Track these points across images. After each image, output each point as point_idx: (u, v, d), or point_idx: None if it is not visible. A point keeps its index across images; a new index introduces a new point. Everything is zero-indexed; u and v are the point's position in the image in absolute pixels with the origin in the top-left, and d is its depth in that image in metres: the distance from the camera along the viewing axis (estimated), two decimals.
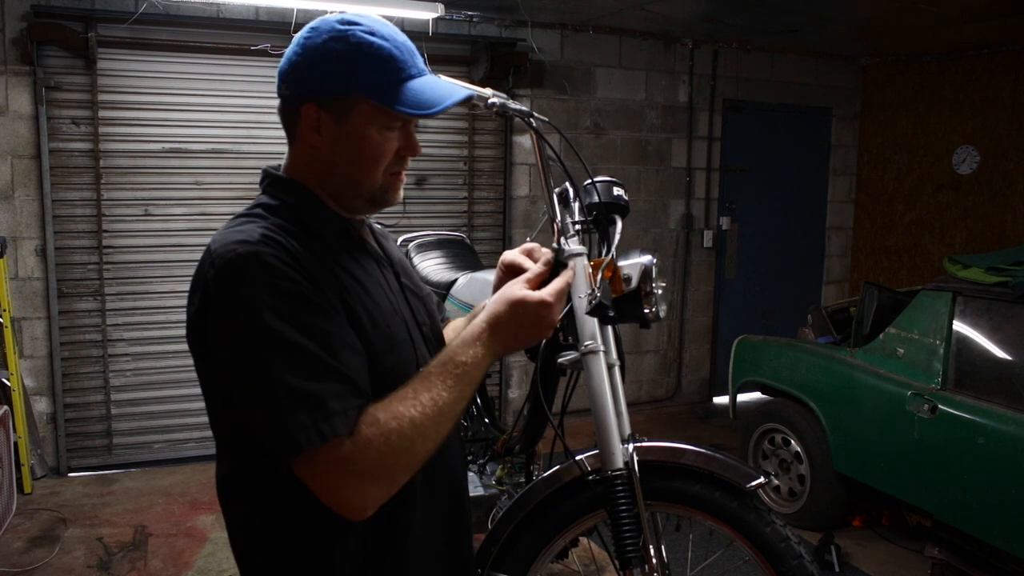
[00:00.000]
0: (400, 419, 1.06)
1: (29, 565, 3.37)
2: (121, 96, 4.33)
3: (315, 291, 1.07)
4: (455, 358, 1.15)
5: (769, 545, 1.69)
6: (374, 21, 1.17)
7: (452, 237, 3.45)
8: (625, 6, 4.72)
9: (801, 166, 6.35)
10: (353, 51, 1.13)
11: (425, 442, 1.08)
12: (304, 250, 1.10)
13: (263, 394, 1.02)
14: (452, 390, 1.12)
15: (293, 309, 1.04)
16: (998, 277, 3.15)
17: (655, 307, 1.94)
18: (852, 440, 3.58)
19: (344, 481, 1.03)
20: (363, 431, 1.04)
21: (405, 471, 1.08)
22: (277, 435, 1.02)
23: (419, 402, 1.08)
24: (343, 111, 1.15)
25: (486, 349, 1.18)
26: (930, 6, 4.43)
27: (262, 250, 1.06)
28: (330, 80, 1.14)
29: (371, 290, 1.19)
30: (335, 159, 1.18)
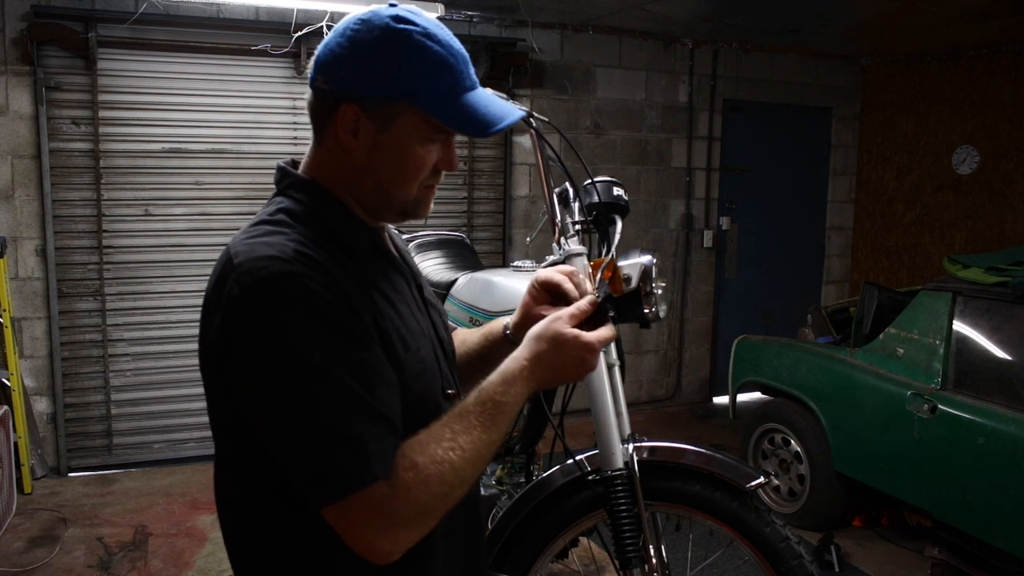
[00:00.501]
0: (440, 464, 0.99)
1: (29, 565, 3.37)
2: (121, 96, 4.33)
3: (354, 318, 1.00)
4: (495, 398, 1.07)
5: (769, 545, 1.70)
6: (429, 22, 1.08)
7: (452, 237, 3.45)
8: (625, 6, 4.72)
9: (801, 166, 6.35)
10: (410, 55, 1.04)
11: (463, 486, 1.03)
12: (338, 268, 1.02)
13: (300, 433, 0.95)
14: (490, 431, 1.05)
15: (333, 340, 0.96)
16: (998, 277, 3.15)
17: (655, 307, 1.94)
18: (852, 440, 3.58)
19: (378, 527, 0.97)
20: (402, 476, 0.97)
21: (440, 515, 1.03)
22: (314, 479, 0.96)
23: (458, 445, 1.02)
24: (387, 118, 1.06)
25: (525, 387, 1.11)
26: (930, 6, 4.43)
27: (299, 270, 0.97)
28: (379, 83, 1.04)
29: (402, 310, 1.12)
30: (369, 167, 1.09)
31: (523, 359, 1.12)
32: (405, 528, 0.99)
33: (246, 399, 1.00)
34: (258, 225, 1.07)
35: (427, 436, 1.02)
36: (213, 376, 1.06)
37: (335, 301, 0.98)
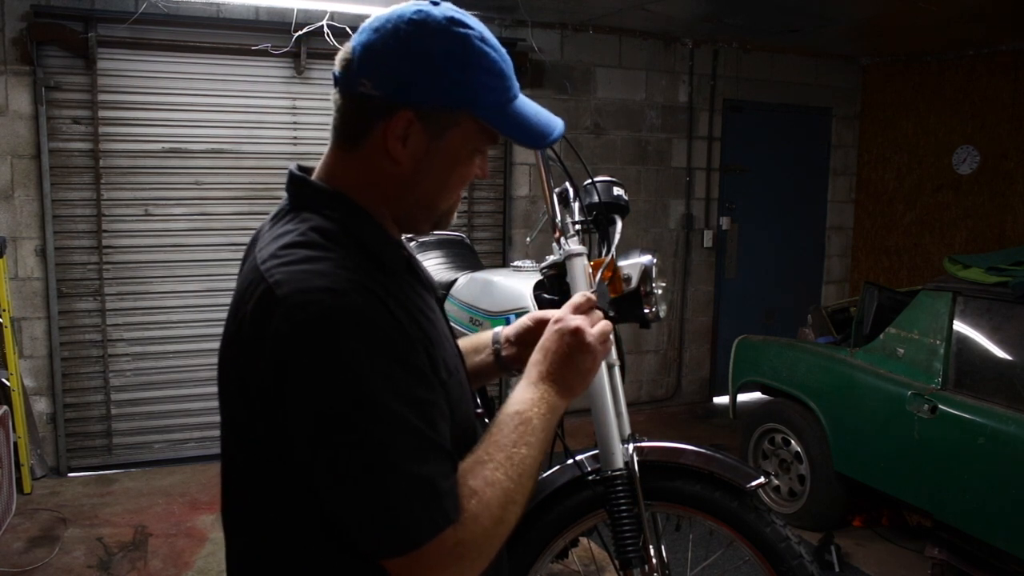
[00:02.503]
0: (493, 486, 0.96)
1: (29, 565, 3.37)
2: (121, 96, 4.33)
3: (412, 351, 0.94)
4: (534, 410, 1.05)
5: (769, 545, 1.70)
6: (482, 26, 1.03)
7: (452, 237, 3.45)
8: (625, 6, 4.72)
9: (801, 166, 6.35)
10: (471, 59, 0.98)
11: (515, 507, 0.98)
12: (388, 296, 0.95)
13: (370, 480, 0.88)
14: (535, 448, 1.02)
15: (397, 379, 0.90)
16: (998, 277, 3.15)
17: (655, 307, 1.94)
18: (852, 440, 3.58)
19: (450, 567, 0.92)
20: (466, 507, 0.93)
21: (500, 542, 0.98)
22: (389, 529, 0.89)
23: (501, 465, 0.98)
24: (444, 126, 1.00)
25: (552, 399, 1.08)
26: (930, 6, 4.43)
27: (357, 303, 0.90)
28: (443, 89, 0.98)
29: (440, 333, 1.07)
30: (416, 177, 1.02)
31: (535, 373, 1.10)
32: (471, 561, 0.94)
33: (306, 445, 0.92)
34: (293, 248, 0.97)
35: (472, 461, 0.98)
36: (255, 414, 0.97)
37: (395, 334, 0.92)
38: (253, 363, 0.94)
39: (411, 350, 0.94)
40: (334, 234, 0.99)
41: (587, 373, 1.12)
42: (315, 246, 0.96)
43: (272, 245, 0.99)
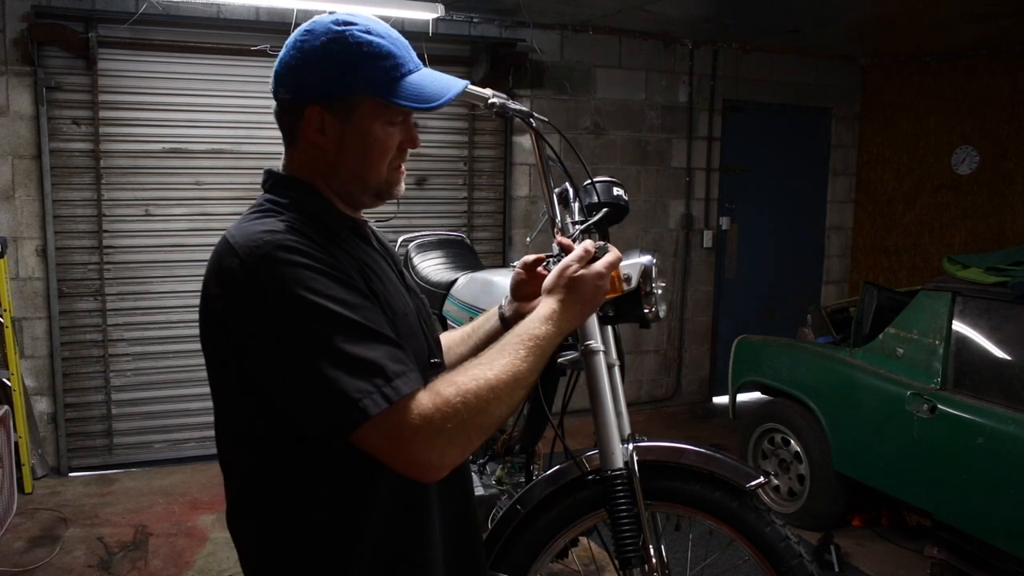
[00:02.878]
0: (477, 380, 1.08)
1: (30, 565, 3.38)
2: (121, 96, 4.34)
3: (345, 272, 1.10)
4: (530, 331, 1.19)
5: (769, 545, 1.70)
6: (368, 20, 1.19)
7: (452, 237, 3.45)
8: (625, 6, 4.72)
9: (801, 166, 6.35)
10: (352, 51, 1.14)
11: (499, 405, 1.09)
12: (326, 243, 1.13)
13: (318, 369, 1.02)
14: (526, 360, 1.15)
15: (330, 285, 1.06)
16: (997, 277, 3.15)
17: (655, 307, 1.94)
18: (852, 440, 3.58)
19: (423, 439, 1.03)
20: (441, 390, 1.06)
21: (481, 432, 1.09)
22: (340, 406, 1.01)
23: (495, 366, 1.11)
24: (347, 111, 1.16)
25: (556, 327, 1.22)
26: (930, 6, 4.43)
27: (291, 237, 1.08)
28: (332, 82, 1.15)
29: (384, 280, 1.22)
30: (341, 158, 1.19)
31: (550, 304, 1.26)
32: (450, 441, 1.04)
33: (260, 363, 1.07)
34: (249, 215, 1.18)
35: (466, 364, 1.12)
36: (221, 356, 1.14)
37: (327, 260, 1.08)
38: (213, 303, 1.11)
39: (342, 269, 1.09)
40: (285, 204, 1.18)
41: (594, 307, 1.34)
42: (267, 212, 1.17)
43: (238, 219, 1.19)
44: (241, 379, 1.11)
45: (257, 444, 1.15)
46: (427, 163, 5.05)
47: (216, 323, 1.12)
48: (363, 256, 1.21)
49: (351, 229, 1.24)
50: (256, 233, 1.09)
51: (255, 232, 1.09)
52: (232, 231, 1.13)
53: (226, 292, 1.09)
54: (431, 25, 4.64)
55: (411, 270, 3.13)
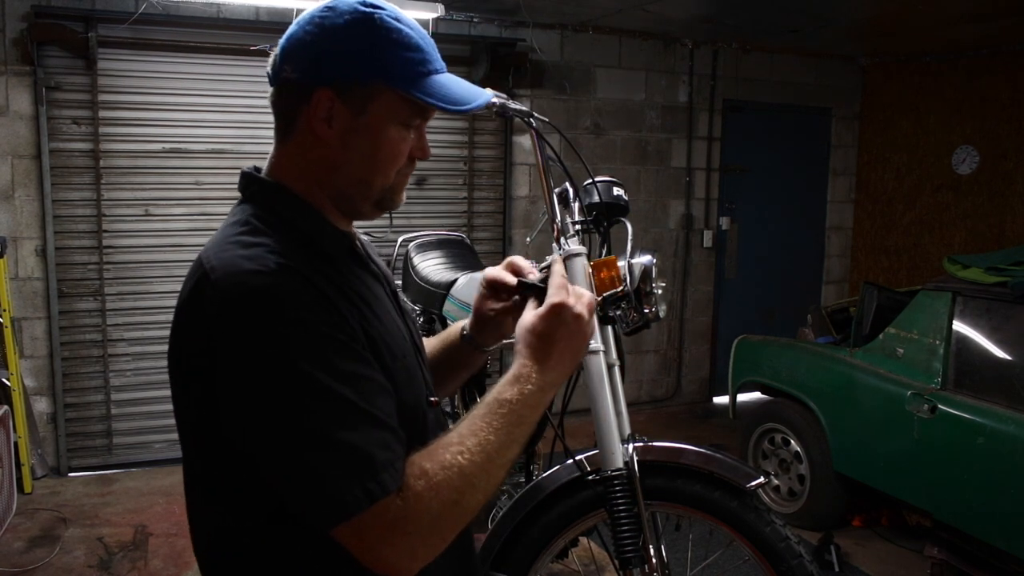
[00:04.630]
0: (449, 469, 0.95)
1: (29, 565, 3.37)
2: (121, 96, 4.33)
3: (343, 328, 0.96)
4: (499, 397, 1.03)
5: (769, 545, 1.70)
6: (396, 8, 1.07)
7: (452, 237, 3.45)
8: (625, 6, 4.72)
9: (801, 166, 6.35)
10: (380, 35, 1.01)
11: (475, 492, 0.97)
12: (319, 276, 0.98)
13: (300, 451, 0.90)
14: (500, 433, 0.99)
15: (325, 352, 0.92)
16: (998, 277, 3.15)
17: (655, 307, 1.94)
18: (852, 440, 3.58)
19: (394, 542, 0.92)
20: (412, 485, 0.93)
21: (456, 525, 0.98)
22: (320, 499, 0.90)
23: (466, 448, 0.97)
24: (363, 101, 1.02)
25: (537, 384, 1.05)
26: (930, 6, 4.43)
27: (282, 283, 0.93)
28: (353, 64, 1.01)
29: (383, 317, 1.08)
30: (346, 156, 1.05)
31: (523, 356, 1.08)
32: (421, 540, 0.94)
33: (236, 422, 0.95)
34: (230, 236, 1.01)
35: (435, 444, 0.98)
36: (190, 395, 1.02)
37: (322, 312, 0.94)
38: (187, 346, 0.99)
39: (340, 326, 0.95)
40: (270, 222, 1.03)
41: (579, 355, 1.12)
42: (250, 233, 1.01)
43: (216, 236, 1.04)
44: (213, 430, 0.99)
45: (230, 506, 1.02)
46: (427, 163, 5.00)
47: (186, 370, 1.00)
48: (360, 287, 1.06)
49: (349, 248, 1.10)
50: (240, 267, 0.94)
51: (239, 265, 0.95)
52: (211, 254, 0.99)
53: (200, 340, 0.96)
54: (431, 25, 4.64)
55: (411, 270, 3.13)
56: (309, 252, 1.02)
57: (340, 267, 1.05)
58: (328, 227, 1.07)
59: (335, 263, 1.05)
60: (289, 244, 1.00)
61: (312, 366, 0.91)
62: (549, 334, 1.08)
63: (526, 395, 1.03)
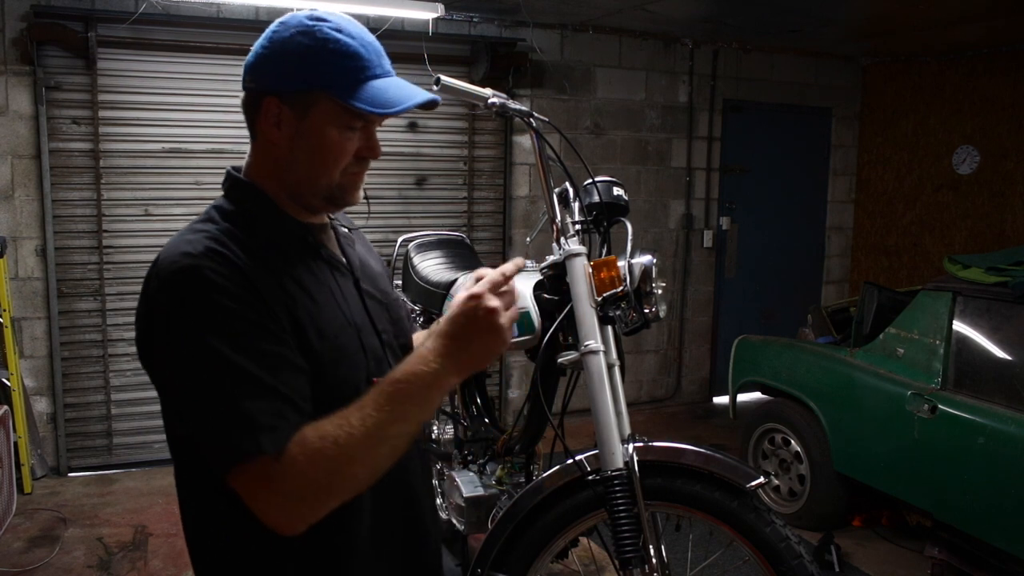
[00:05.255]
0: (325, 439, 1.03)
1: (29, 565, 3.37)
2: (121, 96, 4.33)
3: (255, 307, 1.06)
4: (391, 376, 1.09)
5: (769, 545, 1.70)
6: (343, 19, 1.17)
7: (452, 237, 3.45)
8: (625, 6, 4.72)
9: (801, 166, 6.35)
10: (318, 46, 1.12)
11: (352, 464, 1.04)
12: (251, 261, 1.09)
13: (201, 410, 1.04)
14: (383, 410, 1.05)
15: (230, 327, 1.04)
16: (998, 277, 3.15)
17: (655, 307, 1.94)
18: (852, 440, 3.58)
19: (269, 499, 1.03)
20: (290, 450, 1.02)
21: (333, 492, 1.05)
22: (211, 449, 1.04)
23: (348, 423, 1.04)
24: (304, 107, 1.13)
25: (434, 368, 1.09)
26: (930, 6, 4.43)
27: (203, 264, 1.05)
28: (293, 74, 1.13)
29: (321, 300, 1.16)
30: (294, 156, 1.16)
31: (429, 341, 1.12)
32: (297, 502, 1.03)
33: (162, 385, 1.11)
34: (191, 225, 1.15)
35: (329, 418, 1.05)
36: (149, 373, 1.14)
37: (236, 291, 1.05)
38: (139, 320, 1.12)
39: (253, 305, 1.06)
40: (228, 213, 1.16)
41: (489, 355, 1.13)
42: (205, 221, 1.15)
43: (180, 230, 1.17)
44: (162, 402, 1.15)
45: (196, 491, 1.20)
46: (427, 163, 5.05)
47: (139, 344, 1.13)
48: (302, 273, 1.15)
49: (300, 238, 1.19)
50: (177, 253, 1.07)
51: (177, 251, 1.08)
52: (166, 245, 1.12)
53: (144, 314, 1.10)
54: (431, 25, 4.64)
55: (411, 270, 3.13)
56: (255, 240, 1.13)
57: (286, 254, 1.15)
58: (284, 219, 1.18)
59: (281, 250, 1.15)
60: (236, 232, 1.12)
61: (216, 338, 1.02)
62: (457, 322, 1.12)
63: (418, 375, 1.08)
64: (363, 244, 1.39)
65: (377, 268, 1.37)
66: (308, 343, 1.11)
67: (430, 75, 2.64)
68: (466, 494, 2.63)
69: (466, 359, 1.11)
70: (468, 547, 3.08)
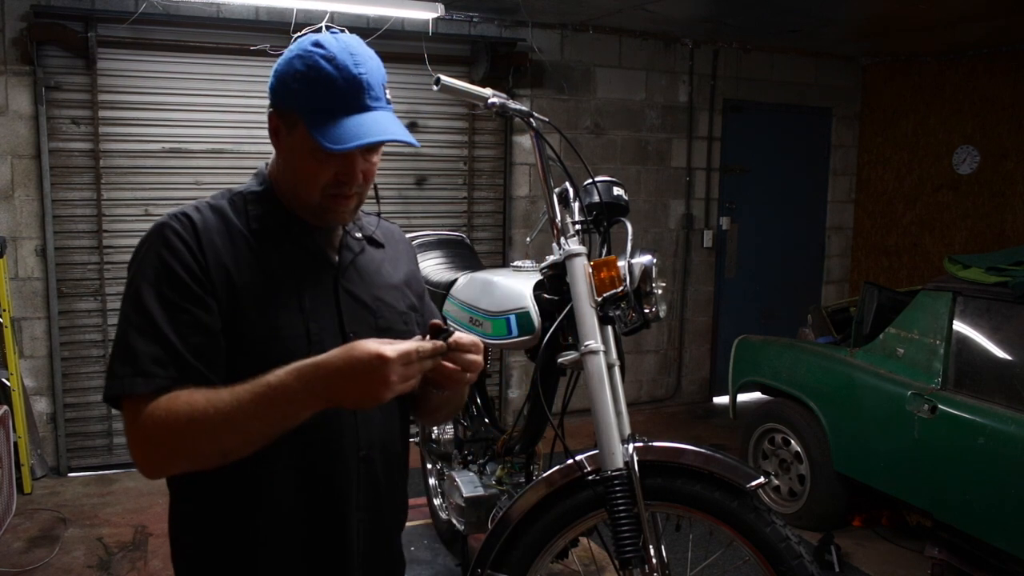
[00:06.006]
0: (191, 406, 1.10)
1: (29, 565, 3.37)
2: (121, 96, 4.33)
3: (191, 269, 1.17)
4: (271, 376, 1.09)
5: (769, 545, 1.69)
6: (342, 47, 1.20)
7: (452, 237, 3.45)
8: (625, 6, 4.72)
9: (801, 166, 6.35)
10: (305, 73, 1.19)
11: (196, 437, 1.10)
12: (219, 232, 1.22)
13: (114, 342, 1.19)
14: (249, 404, 1.08)
15: (160, 280, 1.16)
16: (998, 277, 3.15)
17: (655, 307, 1.94)
18: (852, 440, 3.58)
19: (130, 437, 1.14)
20: (158, 403, 1.11)
21: (179, 455, 1.13)
22: (106, 375, 1.17)
23: (218, 399, 1.09)
24: (290, 126, 1.22)
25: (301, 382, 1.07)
26: (930, 6, 4.43)
27: (170, 224, 1.20)
28: (282, 94, 1.22)
29: (276, 280, 1.24)
30: (284, 167, 1.27)
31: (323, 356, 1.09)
32: (153, 448, 1.13)
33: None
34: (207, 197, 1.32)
35: (212, 389, 1.12)
36: None
37: (181, 250, 1.17)
38: None
39: (192, 269, 1.17)
40: (236, 193, 1.30)
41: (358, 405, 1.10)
42: (214, 196, 1.30)
43: None
44: None
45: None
46: (427, 163, 5.04)
47: None
48: (271, 261, 1.24)
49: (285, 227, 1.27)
50: (168, 213, 1.23)
51: (167, 213, 1.23)
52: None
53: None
54: (431, 25, 4.64)
55: None
56: (243, 218, 1.26)
57: (263, 236, 1.25)
58: (277, 211, 1.28)
59: (260, 232, 1.26)
60: (226, 209, 1.26)
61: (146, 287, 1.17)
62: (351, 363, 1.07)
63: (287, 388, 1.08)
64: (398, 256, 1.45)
65: (394, 280, 1.40)
66: (242, 312, 1.19)
67: (430, 75, 2.64)
68: (466, 494, 2.63)
69: (335, 396, 1.08)
70: (468, 547, 3.08)
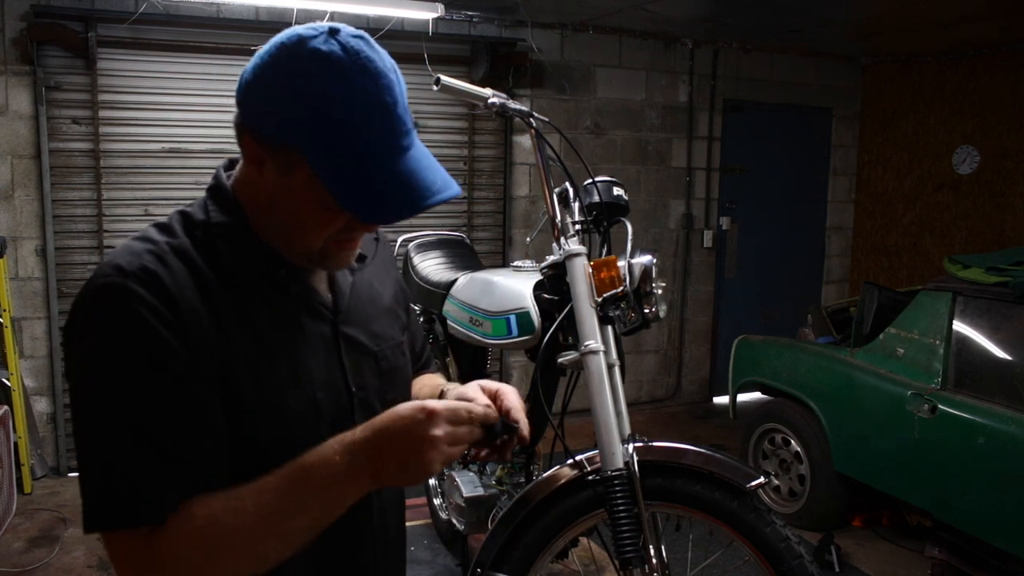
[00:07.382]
0: (214, 523, 0.87)
1: (29, 565, 3.37)
2: (121, 96, 4.33)
3: (174, 349, 0.88)
4: (303, 459, 0.91)
5: (769, 545, 1.70)
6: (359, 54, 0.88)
7: (452, 237, 3.45)
8: (625, 6, 4.72)
9: (801, 166, 6.35)
10: (315, 98, 0.86)
11: (233, 551, 0.88)
12: (192, 290, 0.91)
13: (84, 457, 0.89)
14: (284, 499, 0.89)
15: (136, 369, 0.87)
16: (998, 277, 3.15)
17: (655, 307, 1.95)
18: (852, 440, 3.58)
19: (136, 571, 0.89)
20: (172, 525, 0.87)
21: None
22: (86, 503, 0.88)
23: (242, 505, 0.88)
24: (286, 165, 0.91)
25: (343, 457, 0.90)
26: (930, 6, 4.43)
27: (130, 287, 0.87)
28: (272, 123, 0.89)
29: (271, 346, 0.97)
30: (273, 206, 0.95)
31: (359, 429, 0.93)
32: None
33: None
34: (152, 227, 0.97)
35: (225, 493, 0.89)
36: None
37: (156, 326, 0.87)
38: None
39: (175, 348, 0.88)
40: (196, 223, 0.97)
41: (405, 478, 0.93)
42: (160, 230, 0.96)
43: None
44: None
45: None
46: None
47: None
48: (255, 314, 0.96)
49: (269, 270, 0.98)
50: (112, 264, 0.89)
51: (114, 262, 0.89)
52: (114, 248, 0.96)
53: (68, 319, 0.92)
54: (431, 25, 4.64)
55: (411, 270, 3.13)
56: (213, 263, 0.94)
57: (244, 286, 0.96)
58: (253, 249, 0.98)
59: (239, 281, 0.96)
60: (191, 251, 0.94)
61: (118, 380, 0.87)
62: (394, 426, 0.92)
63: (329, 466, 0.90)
64: (380, 267, 1.18)
65: (385, 301, 1.16)
66: (239, 396, 0.93)
67: (430, 75, 2.64)
68: (466, 494, 2.63)
69: (382, 469, 0.91)
70: (468, 547, 3.08)
